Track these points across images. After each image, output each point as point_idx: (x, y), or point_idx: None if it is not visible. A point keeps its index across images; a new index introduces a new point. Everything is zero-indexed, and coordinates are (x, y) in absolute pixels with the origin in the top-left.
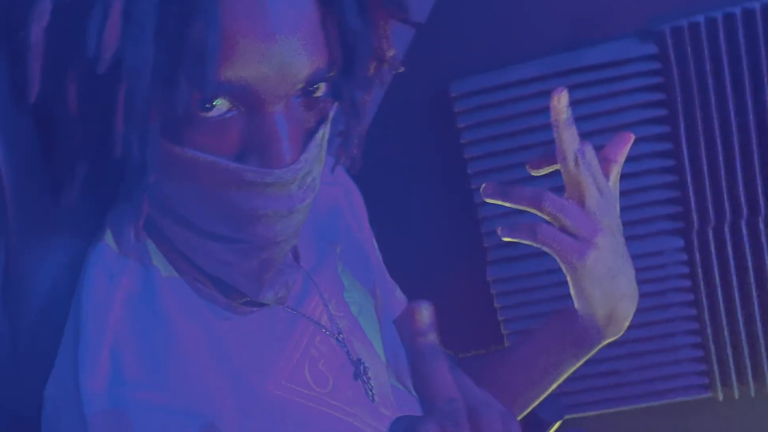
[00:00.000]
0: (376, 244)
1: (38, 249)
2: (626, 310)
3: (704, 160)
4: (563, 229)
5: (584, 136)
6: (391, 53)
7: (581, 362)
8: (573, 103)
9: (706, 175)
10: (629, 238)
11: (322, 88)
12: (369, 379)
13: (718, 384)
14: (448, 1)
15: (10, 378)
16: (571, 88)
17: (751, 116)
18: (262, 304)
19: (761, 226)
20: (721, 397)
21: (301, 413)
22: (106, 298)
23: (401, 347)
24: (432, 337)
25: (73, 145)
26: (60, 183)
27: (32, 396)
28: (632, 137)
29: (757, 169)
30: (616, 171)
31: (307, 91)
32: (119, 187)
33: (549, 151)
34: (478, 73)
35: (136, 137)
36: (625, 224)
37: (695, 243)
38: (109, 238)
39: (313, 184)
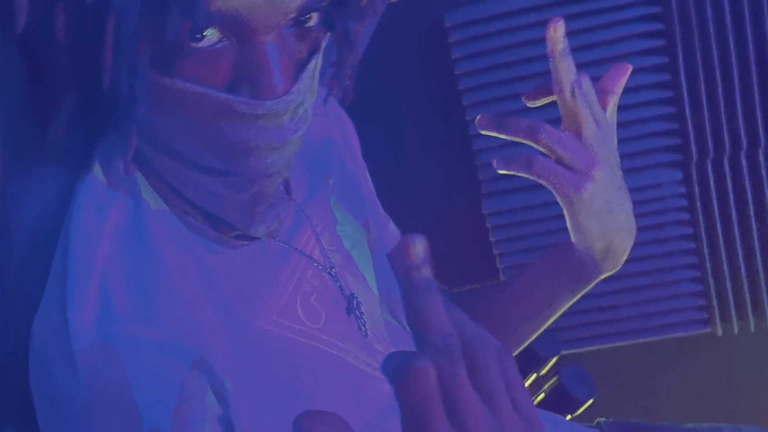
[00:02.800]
0: (369, 177)
1: (25, 181)
2: (624, 243)
3: (703, 92)
4: (560, 162)
5: (581, 66)
6: None
7: (578, 297)
8: (569, 34)
9: (705, 107)
10: (627, 171)
11: (314, 18)
12: (362, 314)
13: (717, 319)
14: None
15: None
16: (568, 18)
17: (750, 47)
18: (253, 238)
19: (761, 158)
20: (720, 332)
21: (292, 348)
22: (94, 231)
23: (395, 282)
24: (426, 272)
25: (60, 77)
26: (47, 115)
27: (20, 331)
28: (630, 68)
29: (757, 101)
30: (613, 102)
31: (299, 21)
32: (108, 119)
33: (545, 82)
34: (474, 2)
35: (124, 69)
36: (623, 156)
37: (694, 176)
38: (97, 170)
39: (305, 115)
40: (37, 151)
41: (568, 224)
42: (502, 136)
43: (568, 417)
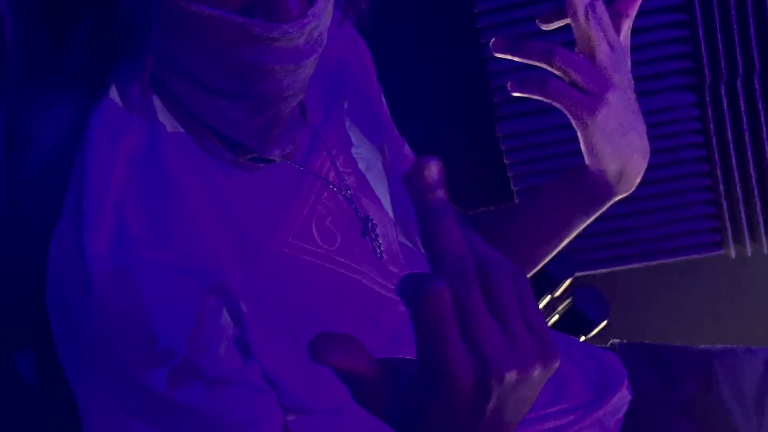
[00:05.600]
0: (384, 100)
1: (42, 104)
2: (637, 166)
3: (716, 14)
4: (574, 84)
5: None
6: None
7: (592, 219)
8: None
9: (719, 30)
10: (640, 94)
11: None
12: (377, 236)
13: (731, 241)
14: None
15: (13, 237)
16: None
17: None
18: (268, 161)
19: None
20: (733, 254)
21: (308, 270)
22: (110, 154)
23: (410, 203)
24: (440, 194)
25: (75, 1)
26: (63, 40)
27: (36, 255)
28: None
29: None
30: (627, 25)
31: None
32: (124, 43)
33: (559, 5)
34: None
35: None
36: (637, 79)
37: (707, 98)
38: (114, 94)
39: (320, 38)
40: (53, 74)
41: (582, 147)
42: (517, 59)
43: (582, 338)
